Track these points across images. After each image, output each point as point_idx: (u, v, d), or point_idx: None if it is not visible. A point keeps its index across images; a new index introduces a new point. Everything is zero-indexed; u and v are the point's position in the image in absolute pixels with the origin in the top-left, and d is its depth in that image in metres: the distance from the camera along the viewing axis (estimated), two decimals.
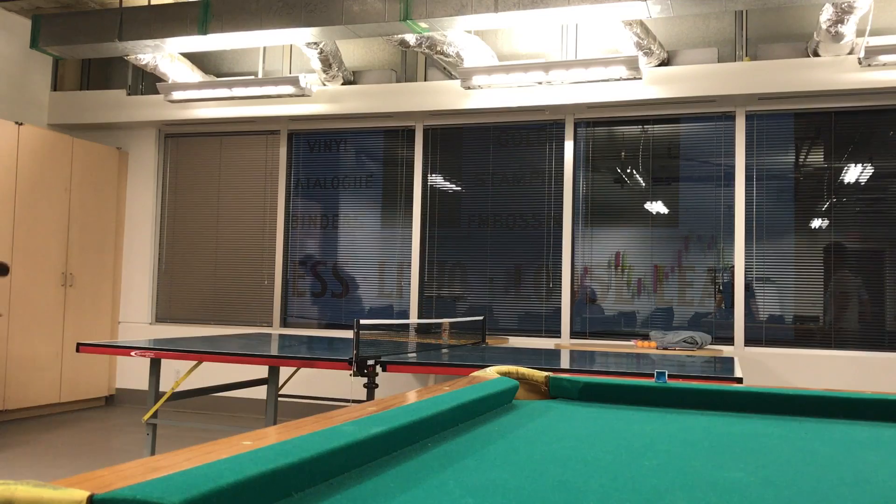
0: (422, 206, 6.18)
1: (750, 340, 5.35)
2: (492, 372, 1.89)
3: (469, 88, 5.64)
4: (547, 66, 5.27)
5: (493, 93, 5.70)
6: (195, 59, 6.51)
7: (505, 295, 5.98)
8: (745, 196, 5.42)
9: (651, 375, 1.95)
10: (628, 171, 5.78)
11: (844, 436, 1.49)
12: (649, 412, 1.73)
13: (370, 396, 3.86)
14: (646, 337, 5.34)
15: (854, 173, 5.29)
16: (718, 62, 5.41)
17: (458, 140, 6.18)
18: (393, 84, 6.07)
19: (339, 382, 6.04)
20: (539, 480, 1.04)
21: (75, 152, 6.37)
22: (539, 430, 1.45)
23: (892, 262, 5.17)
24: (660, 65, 5.44)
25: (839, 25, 4.65)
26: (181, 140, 6.93)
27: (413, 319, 6.07)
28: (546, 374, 1.93)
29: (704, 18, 5.55)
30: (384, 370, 3.55)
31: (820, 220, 5.32)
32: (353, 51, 6.34)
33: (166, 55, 5.94)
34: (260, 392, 6.19)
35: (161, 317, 6.81)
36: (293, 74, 6.09)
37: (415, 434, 1.25)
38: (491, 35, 5.91)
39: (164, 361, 4.75)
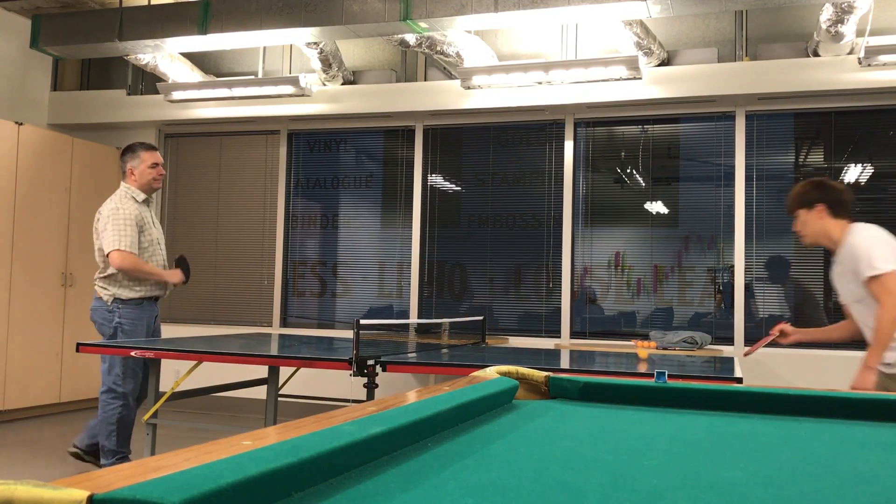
0: (422, 206, 6.18)
1: (750, 340, 5.34)
2: (492, 372, 1.89)
3: (469, 88, 5.64)
4: (547, 66, 5.27)
5: (493, 93, 5.69)
6: (195, 59, 6.51)
7: (505, 295, 5.98)
8: (745, 196, 5.42)
9: (651, 375, 1.95)
10: (628, 171, 5.78)
11: (844, 436, 1.49)
12: (649, 412, 1.73)
13: (370, 396, 3.86)
14: (646, 337, 5.34)
15: (854, 173, 5.29)
16: (718, 62, 5.41)
17: (458, 140, 6.18)
18: (393, 84, 6.07)
19: (339, 382, 6.03)
20: (539, 480, 1.04)
21: (75, 152, 6.37)
22: (539, 430, 1.45)
23: None
24: (660, 65, 5.44)
25: (839, 25, 4.65)
26: (181, 140, 6.93)
27: (413, 319, 6.07)
28: (546, 374, 1.93)
29: (704, 18, 5.55)
30: (384, 370, 3.55)
31: None
32: (353, 51, 6.34)
33: (166, 55, 5.94)
34: (260, 392, 6.17)
35: (161, 317, 6.80)
36: (293, 74, 6.09)
37: (415, 434, 1.25)
38: (491, 35, 5.91)
39: (164, 361, 4.76)
